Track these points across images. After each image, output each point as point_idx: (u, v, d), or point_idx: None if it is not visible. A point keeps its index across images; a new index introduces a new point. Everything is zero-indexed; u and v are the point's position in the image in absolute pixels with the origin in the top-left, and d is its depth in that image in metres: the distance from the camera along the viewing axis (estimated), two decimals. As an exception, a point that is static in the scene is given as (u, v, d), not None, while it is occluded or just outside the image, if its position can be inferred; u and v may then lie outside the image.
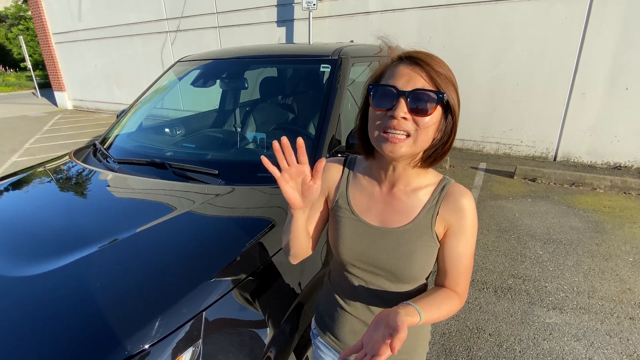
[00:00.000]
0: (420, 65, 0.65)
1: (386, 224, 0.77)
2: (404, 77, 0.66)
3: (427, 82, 0.65)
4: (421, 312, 0.65)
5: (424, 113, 0.65)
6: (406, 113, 0.65)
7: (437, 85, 0.65)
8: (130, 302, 0.92)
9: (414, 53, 0.68)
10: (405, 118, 0.65)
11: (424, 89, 0.64)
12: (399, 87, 0.65)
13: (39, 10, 10.03)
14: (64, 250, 1.11)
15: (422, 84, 0.65)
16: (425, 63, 0.65)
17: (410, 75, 0.65)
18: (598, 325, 2.06)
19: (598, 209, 3.53)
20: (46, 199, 1.53)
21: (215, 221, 1.27)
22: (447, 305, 0.72)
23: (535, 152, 5.07)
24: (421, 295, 0.73)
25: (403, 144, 0.66)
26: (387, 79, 0.68)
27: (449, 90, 0.66)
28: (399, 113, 0.64)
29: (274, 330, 1.05)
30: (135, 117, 2.24)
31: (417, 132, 0.66)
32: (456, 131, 0.71)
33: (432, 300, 0.70)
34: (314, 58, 2.02)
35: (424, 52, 0.68)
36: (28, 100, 12.58)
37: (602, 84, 4.45)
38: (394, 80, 0.67)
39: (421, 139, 0.67)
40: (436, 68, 0.65)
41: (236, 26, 7.07)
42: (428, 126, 0.66)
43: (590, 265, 2.63)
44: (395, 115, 0.65)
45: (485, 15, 4.91)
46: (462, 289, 0.77)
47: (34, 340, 0.84)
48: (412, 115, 0.65)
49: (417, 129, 0.66)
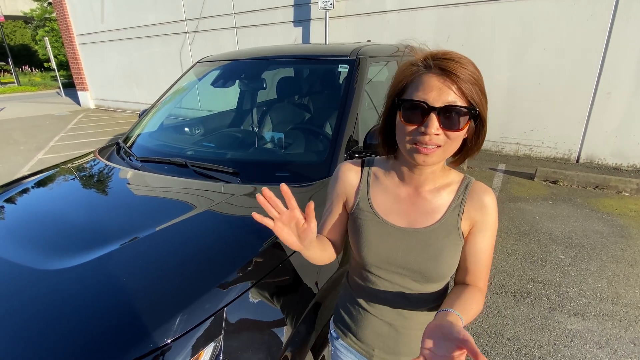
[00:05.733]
0: (450, 77, 0.64)
1: (413, 224, 0.77)
2: (433, 90, 0.64)
3: (458, 96, 0.64)
4: (462, 316, 0.64)
5: (455, 128, 0.65)
6: (438, 129, 0.65)
7: (467, 97, 0.65)
8: (152, 298, 0.95)
9: (442, 62, 0.65)
10: (437, 134, 0.65)
11: (456, 105, 0.64)
12: (429, 103, 0.64)
13: (64, 12, 10.37)
14: (88, 246, 1.15)
15: (453, 98, 0.64)
16: (455, 75, 0.64)
17: (441, 89, 0.64)
18: (622, 333, 1.99)
19: (623, 213, 3.41)
20: (72, 196, 1.58)
21: (234, 220, 1.29)
22: (476, 305, 0.72)
23: (557, 153, 4.94)
24: (450, 298, 0.72)
25: (434, 154, 0.68)
26: (414, 90, 0.67)
27: (478, 98, 0.66)
28: (431, 130, 0.65)
29: (292, 328, 1.06)
30: (157, 117, 2.29)
31: (448, 144, 0.68)
32: (486, 130, 0.71)
33: (464, 302, 0.70)
34: (332, 58, 2.02)
35: (451, 56, 0.66)
36: (53, 99, 13.03)
37: (628, 84, 4.29)
38: (423, 94, 0.65)
39: (451, 149, 0.69)
40: (465, 78, 0.64)
41: (253, 26, 7.13)
42: (459, 138, 0.68)
43: (614, 271, 2.54)
44: (428, 132, 0.65)
45: (504, 13, 4.81)
46: (483, 283, 0.78)
47: (61, 329, 0.87)
48: (443, 130, 0.66)
49: (447, 141, 0.67)
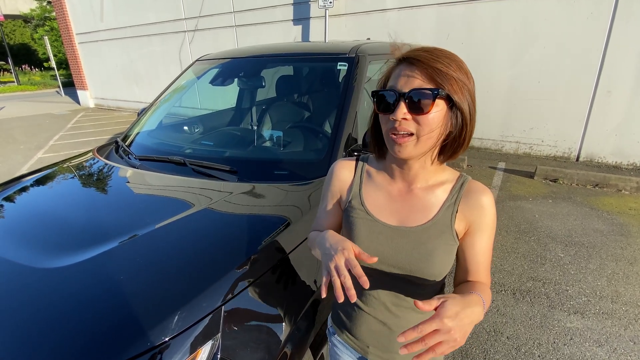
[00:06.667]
0: (417, 66, 0.66)
1: (404, 222, 0.76)
2: (402, 78, 0.68)
3: (424, 80, 0.66)
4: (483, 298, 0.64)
5: (422, 111, 0.66)
6: (406, 114, 0.67)
7: (436, 82, 0.65)
8: (150, 296, 0.95)
9: (412, 53, 0.68)
10: (406, 119, 0.67)
11: (419, 88, 0.65)
12: (397, 89, 0.68)
13: (63, 11, 10.36)
14: (86, 245, 1.14)
15: (418, 84, 0.66)
16: (421, 62, 0.66)
17: (408, 76, 0.67)
18: (621, 331, 1.99)
19: (623, 212, 3.40)
20: (71, 194, 1.58)
21: (233, 218, 1.29)
22: (487, 295, 0.71)
23: (557, 152, 4.93)
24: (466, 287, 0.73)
25: (408, 143, 0.68)
26: (390, 82, 0.71)
27: (450, 85, 0.65)
28: (399, 115, 0.67)
29: (290, 326, 1.06)
30: (156, 115, 2.29)
31: (419, 130, 0.67)
32: (470, 124, 0.70)
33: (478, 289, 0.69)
34: (331, 56, 2.02)
35: (426, 49, 0.68)
36: (52, 98, 13.02)
37: (629, 82, 4.28)
38: (394, 83, 0.69)
39: (425, 137, 0.68)
40: (433, 64, 0.65)
41: (252, 25, 7.12)
42: (429, 123, 0.67)
43: (614, 269, 2.54)
44: (396, 117, 0.67)
45: (505, 11, 4.80)
46: (485, 280, 0.77)
47: (60, 328, 0.87)
48: (412, 115, 0.67)
49: (418, 127, 0.67)
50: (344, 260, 0.64)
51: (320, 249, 0.73)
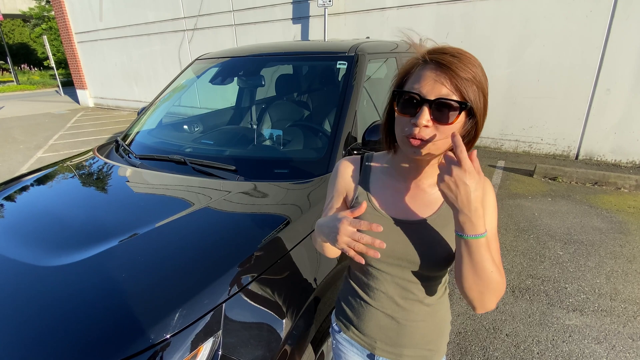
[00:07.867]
0: (445, 72, 0.65)
1: (411, 216, 0.78)
2: (428, 83, 0.66)
3: (450, 90, 0.65)
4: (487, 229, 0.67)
5: (445, 122, 0.66)
6: (428, 121, 0.66)
7: (461, 92, 0.65)
8: (151, 293, 0.95)
9: (439, 56, 0.66)
10: (427, 126, 0.67)
11: (446, 99, 0.65)
12: (422, 94, 0.66)
13: (62, 10, 10.34)
14: (87, 243, 1.15)
15: (446, 92, 0.65)
16: (449, 69, 0.64)
17: (435, 82, 0.66)
18: (620, 329, 2.00)
19: (622, 209, 3.41)
20: (71, 193, 1.58)
21: (232, 216, 1.29)
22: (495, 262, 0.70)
23: (556, 150, 4.94)
24: None
25: (425, 147, 0.68)
26: (413, 83, 0.69)
27: (474, 95, 0.66)
28: (422, 121, 0.66)
29: (291, 323, 1.07)
30: (155, 115, 2.29)
31: (438, 137, 0.68)
32: (481, 125, 0.71)
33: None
34: (330, 55, 2.02)
35: (449, 51, 0.67)
36: (52, 97, 13.01)
37: (628, 80, 4.29)
38: (418, 86, 0.67)
39: (442, 143, 0.69)
40: (461, 74, 0.64)
41: (252, 24, 7.11)
42: (449, 132, 0.67)
43: (613, 267, 2.55)
44: (418, 123, 0.66)
45: (504, 10, 4.80)
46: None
47: (62, 325, 0.88)
48: (434, 123, 0.67)
49: (437, 134, 0.67)
50: (348, 223, 0.69)
51: (323, 235, 0.76)
